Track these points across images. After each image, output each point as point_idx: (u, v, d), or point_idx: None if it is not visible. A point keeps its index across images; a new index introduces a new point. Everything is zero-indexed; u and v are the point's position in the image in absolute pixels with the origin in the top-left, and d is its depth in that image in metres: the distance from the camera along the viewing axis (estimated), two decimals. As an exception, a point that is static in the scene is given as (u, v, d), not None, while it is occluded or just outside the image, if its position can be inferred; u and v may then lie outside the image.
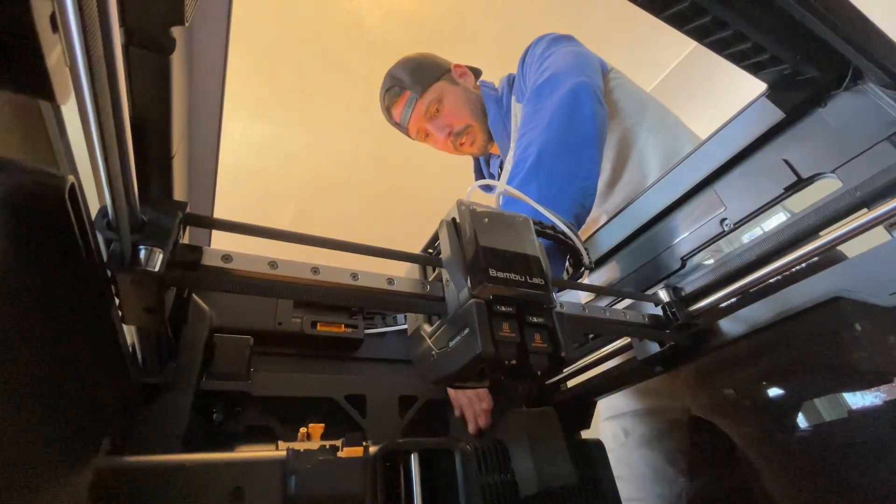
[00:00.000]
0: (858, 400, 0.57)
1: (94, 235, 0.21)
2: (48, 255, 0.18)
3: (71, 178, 0.17)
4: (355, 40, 2.07)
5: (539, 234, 0.47)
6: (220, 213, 0.45)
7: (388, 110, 1.02)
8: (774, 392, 0.74)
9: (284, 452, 0.37)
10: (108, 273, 0.27)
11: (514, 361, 0.32)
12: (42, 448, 0.21)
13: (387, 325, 0.63)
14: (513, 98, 0.94)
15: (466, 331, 0.32)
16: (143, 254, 0.27)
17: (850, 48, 0.32)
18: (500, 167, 1.03)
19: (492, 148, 1.01)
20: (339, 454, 0.38)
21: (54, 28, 0.13)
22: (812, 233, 0.39)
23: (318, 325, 0.57)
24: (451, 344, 0.34)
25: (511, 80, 1.00)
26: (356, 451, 0.39)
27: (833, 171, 0.38)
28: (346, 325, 0.59)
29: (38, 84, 0.13)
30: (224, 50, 0.33)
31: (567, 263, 0.59)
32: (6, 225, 0.15)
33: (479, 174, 1.12)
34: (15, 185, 0.15)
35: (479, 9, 2.06)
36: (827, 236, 0.37)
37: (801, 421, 0.70)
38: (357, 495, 0.37)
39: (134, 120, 0.25)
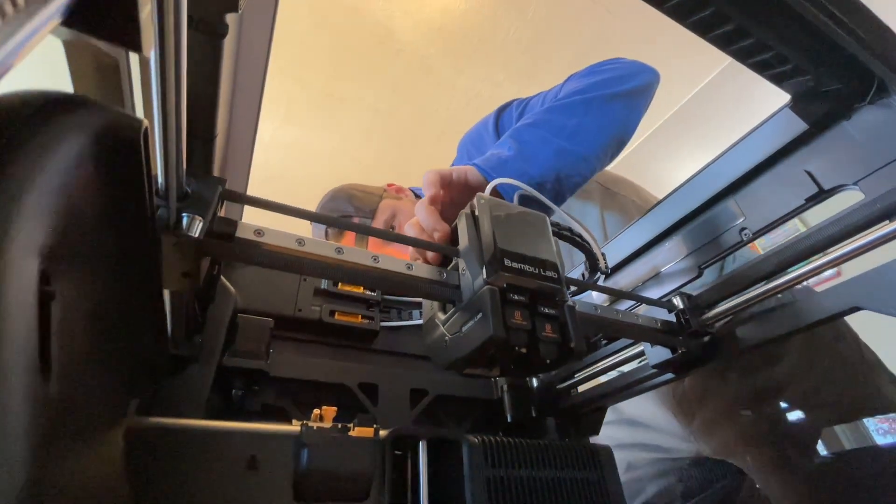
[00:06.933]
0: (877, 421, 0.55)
1: (153, 192, 0.23)
2: (122, 194, 0.20)
3: (146, 122, 0.19)
4: (386, 49, 2.13)
5: (556, 234, 0.48)
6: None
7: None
8: (793, 415, 0.73)
9: (298, 427, 0.39)
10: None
11: (524, 350, 0.33)
12: (95, 395, 0.22)
13: (402, 320, 0.65)
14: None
15: (479, 315, 0.33)
16: (185, 220, 0.29)
17: (875, 60, 0.32)
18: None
19: None
20: (351, 433, 0.39)
21: (147, -14, 0.15)
22: (830, 244, 0.39)
23: (336, 314, 0.59)
24: (464, 329, 0.35)
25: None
26: (367, 432, 0.40)
27: (856, 183, 0.38)
28: (363, 317, 0.60)
29: (130, 35, 0.15)
30: (268, 38, 0.35)
31: (584, 268, 0.59)
32: (92, 154, 0.17)
33: None
34: (100, 119, 0.17)
35: (508, 22, 2.10)
36: (846, 247, 0.37)
37: (821, 447, 0.68)
38: (366, 474, 0.38)
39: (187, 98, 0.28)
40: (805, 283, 0.42)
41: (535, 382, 0.67)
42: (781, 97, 0.43)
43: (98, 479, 0.25)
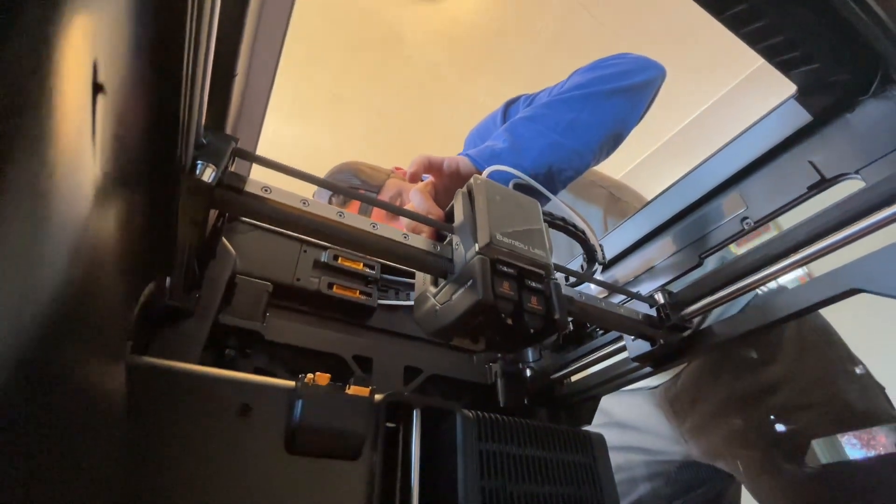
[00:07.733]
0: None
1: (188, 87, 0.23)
2: (157, 61, 0.20)
3: None
4: (394, 54, 2.16)
5: (550, 224, 0.48)
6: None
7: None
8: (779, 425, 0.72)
9: (293, 383, 0.38)
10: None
11: (510, 321, 0.34)
12: (108, 291, 0.22)
13: (400, 300, 0.64)
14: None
15: (470, 283, 0.34)
16: (199, 167, 0.30)
17: (887, 41, 0.33)
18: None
19: None
20: (347, 391, 0.39)
21: None
22: (821, 235, 0.40)
23: (335, 287, 0.58)
24: (454, 297, 0.36)
25: None
26: (363, 391, 0.39)
27: (857, 172, 0.39)
28: (361, 292, 0.60)
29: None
30: (288, 14, 0.35)
31: (581, 259, 0.60)
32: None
33: None
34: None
35: (516, 36, 2.14)
36: (842, 233, 0.38)
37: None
38: (359, 433, 0.38)
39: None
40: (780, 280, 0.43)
41: (528, 371, 0.67)
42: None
43: (97, 404, 0.24)
